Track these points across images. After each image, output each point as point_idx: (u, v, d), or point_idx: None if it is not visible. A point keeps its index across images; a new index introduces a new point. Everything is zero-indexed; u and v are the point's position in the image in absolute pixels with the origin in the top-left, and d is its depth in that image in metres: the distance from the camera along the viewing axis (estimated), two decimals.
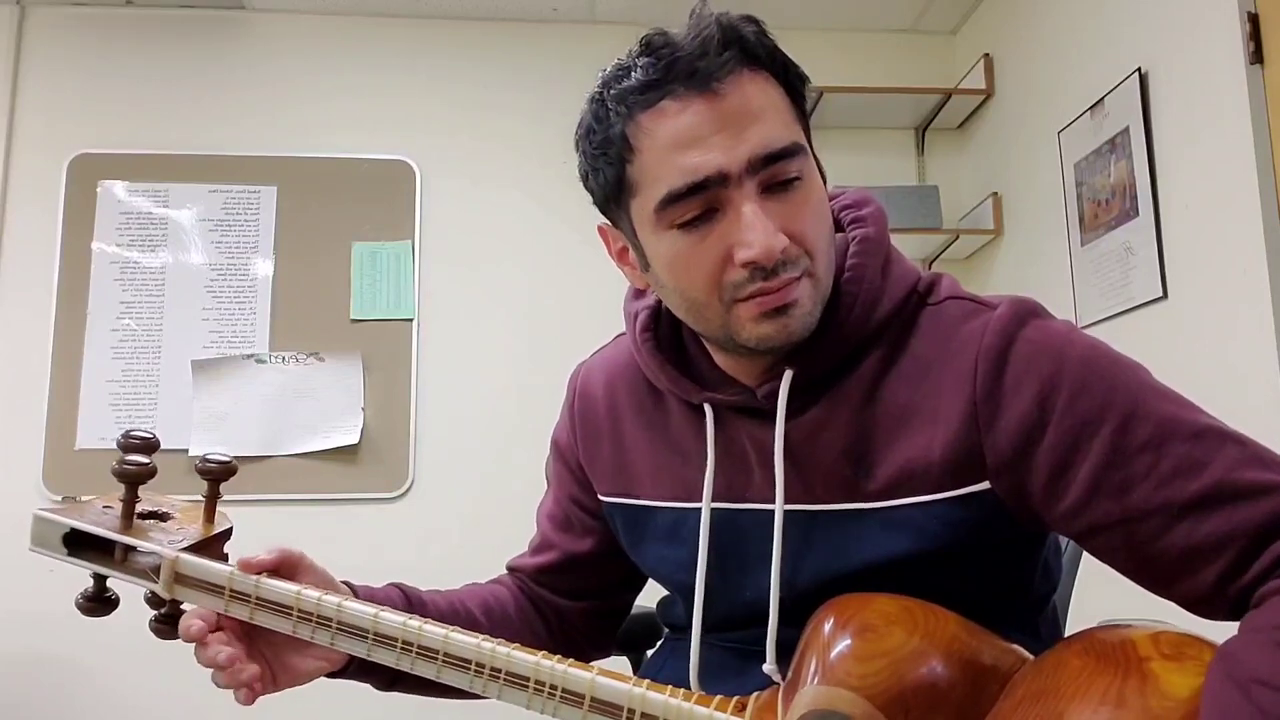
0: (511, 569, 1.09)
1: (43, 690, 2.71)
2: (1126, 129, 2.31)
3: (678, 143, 0.76)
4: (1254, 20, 1.95)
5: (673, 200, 0.77)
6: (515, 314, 3.00)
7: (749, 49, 0.78)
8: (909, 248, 3.06)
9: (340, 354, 2.91)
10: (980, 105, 3.08)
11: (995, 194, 2.97)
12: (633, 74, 0.78)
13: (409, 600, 0.96)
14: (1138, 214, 2.27)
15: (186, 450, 2.78)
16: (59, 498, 2.75)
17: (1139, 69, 2.27)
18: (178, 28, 3.05)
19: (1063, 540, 1.01)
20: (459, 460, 2.90)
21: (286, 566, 0.86)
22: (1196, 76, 2.10)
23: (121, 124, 2.98)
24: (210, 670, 0.83)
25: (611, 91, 0.79)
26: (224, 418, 2.84)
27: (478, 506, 2.84)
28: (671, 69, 0.76)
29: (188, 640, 0.84)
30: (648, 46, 0.79)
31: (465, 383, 2.95)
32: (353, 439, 2.86)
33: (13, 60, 2.97)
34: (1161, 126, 2.21)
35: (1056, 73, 2.66)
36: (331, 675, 0.90)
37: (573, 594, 1.05)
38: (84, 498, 2.86)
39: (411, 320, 2.96)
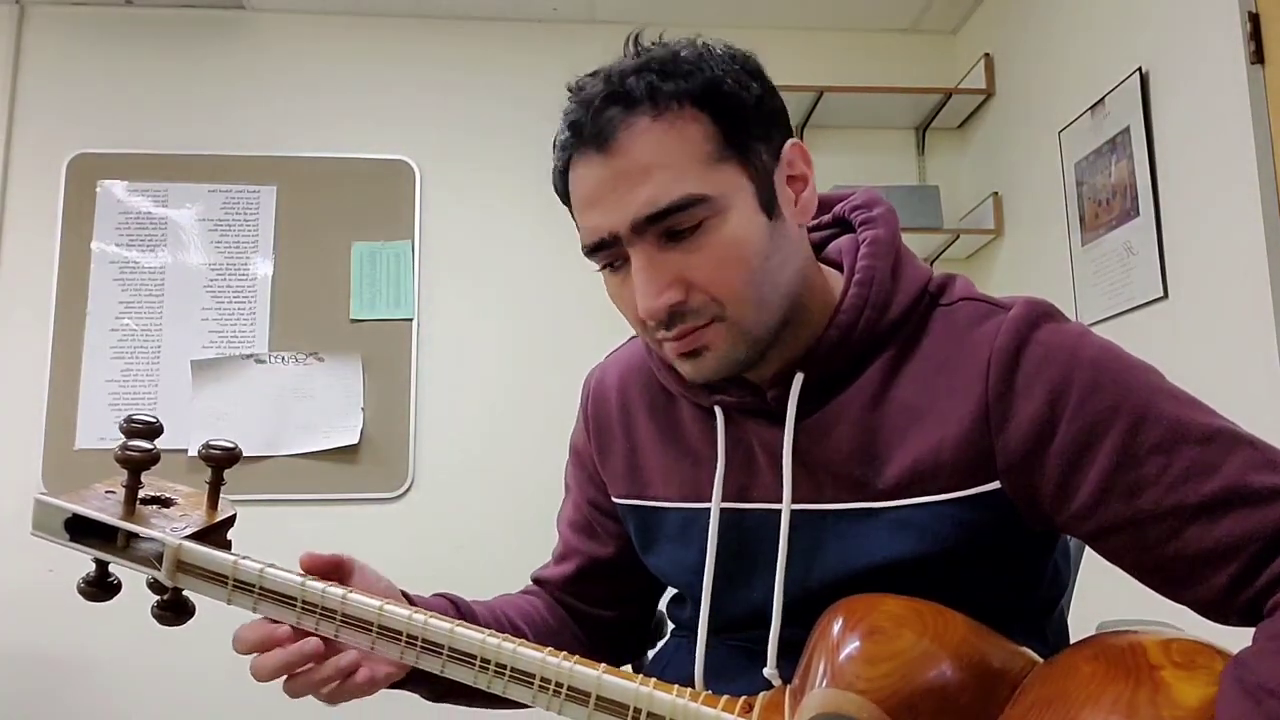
0: (537, 580, 1.08)
1: (44, 687, 2.71)
2: (1127, 129, 2.31)
3: (583, 202, 0.80)
4: (1254, 20, 1.95)
5: (588, 254, 0.81)
6: (515, 314, 3.00)
7: (640, 97, 0.76)
8: (909, 248, 3.05)
9: (340, 354, 2.90)
10: (980, 105, 3.08)
11: (995, 194, 2.97)
12: (563, 127, 0.81)
13: (458, 609, 0.95)
14: (1138, 214, 2.27)
15: (186, 450, 2.78)
16: None
17: (1139, 69, 2.27)
18: (178, 28, 3.05)
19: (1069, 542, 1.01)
20: (459, 460, 2.90)
21: (340, 570, 0.85)
22: (1197, 76, 2.10)
23: (121, 124, 2.98)
24: (288, 673, 0.80)
25: (554, 149, 0.83)
26: (224, 418, 2.84)
27: (478, 506, 2.84)
28: (577, 128, 0.79)
29: (250, 649, 0.81)
30: (571, 97, 0.81)
31: (465, 383, 2.95)
32: (352, 439, 2.86)
33: (13, 60, 2.97)
34: (1162, 126, 2.21)
35: (1056, 73, 2.66)
36: (390, 686, 0.88)
37: (600, 602, 1.04)
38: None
39: (411, 320, 2.95)
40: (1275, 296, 1.88)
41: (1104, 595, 1.00)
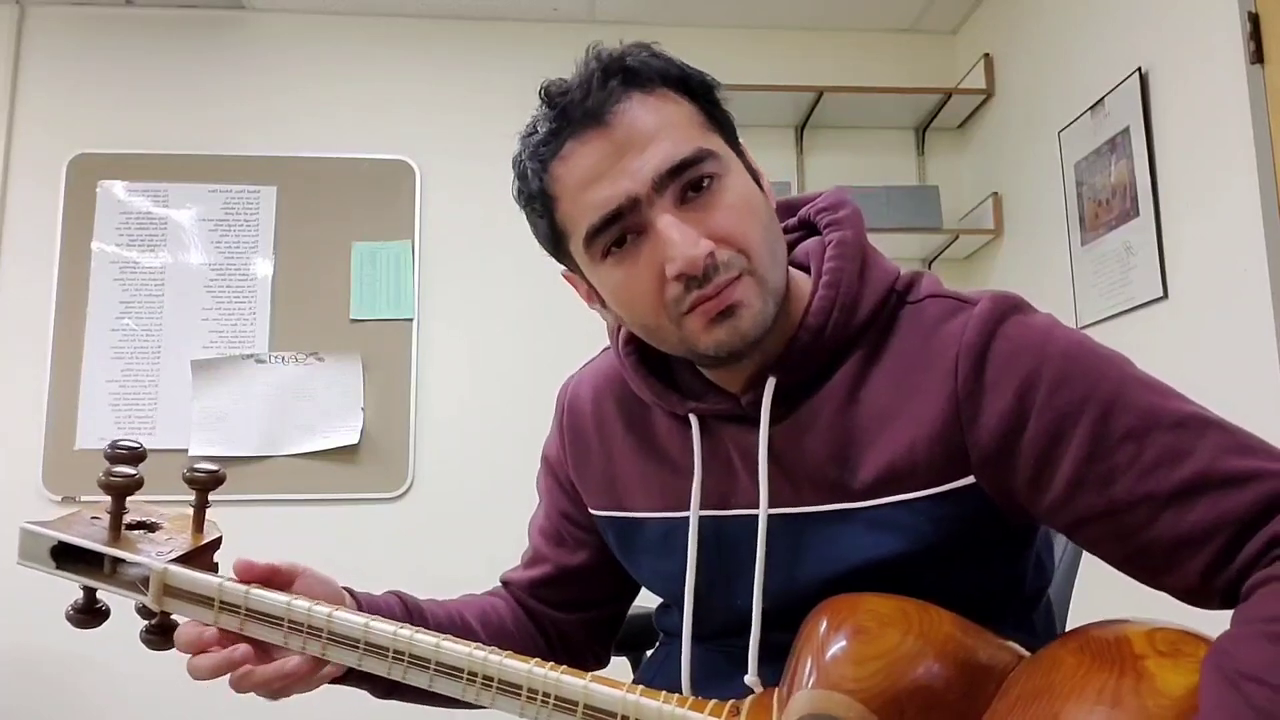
0: (505, 582, 1.09)
1: (45, 688, 2.71)
2: (1127, 129, 2.31)
3: (585, 181, 0.78)
4: (1254, 20, 1.95)
5: (595, 234, 0.79)
6: (515, 314, 3.00)
7: (634, 74, 0.80)
8: (909, 248, 3.06)
9: (340, 354, 2.91)
10: (980, 105, 3.08)
11: (995, 194, 2.97)
12: (538, 128, 0.81)
13: (408, 609, 0.96)
14: (1138, 214, 2.27)
15: (186, 450, 2.78)
16: (59, 497, 2.75)
17: (1139, 69, 2.27)
18: (178, 28, 3.05)
19: (1060, 538, 1.01)
20: (459, 460, 2.90)
21: (283, 577, 0.86)
22: (1197, 76, 2.10)
23: (121, 124, 2.98)
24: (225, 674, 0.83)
25: (526, 150, 0.82)
26: (224, 418, 2.84)
27: (478, 506, 2.84)
28: (566, 114, 0.79)
29: (185, 649, 0.83)
30: (546, 96, 0.81)
31: (465, 383, 2.95)
32: (352, 439, 2.86)
33: (13, 60, 2.97)
34: (1162, 126, 2.21)
35: (1056, 73, 2.66)
36: (332, 681, 0.89)
37: (567, 606, 1.05)
38: (83, 497, 2.86)
39: (411, 320, 2.96)
40: (1275, 296, 1.88)
41: (1106, 595, 1.00)
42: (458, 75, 3.11)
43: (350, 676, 0.88)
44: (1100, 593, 1.06)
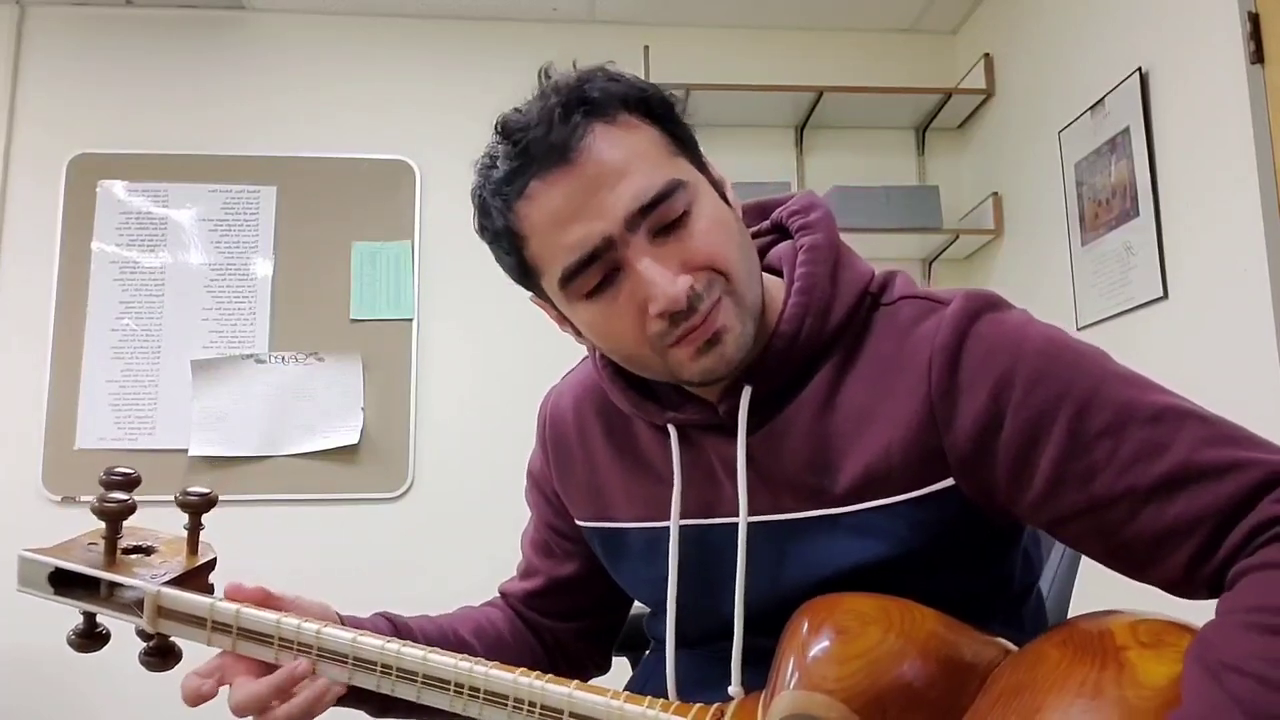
0: (503, 593, 1.10)
1: (45, 688, 2.71)
2: (1127, 129, 2.31)
3: (556, 222, 0.76)
4: (1254, 20, 1.95)
5: (571, 276, 0.77)
6: (515, 314, 2.98)
7: (595, 105, 0.77)
8: (909, 248, 3.05)
9: (340, 354, 2.91)
10: (980, 105, 3.08)
11: (995, 194, 2.97)
12: (498, 163, 0.78)
13: (396, 629, 0.96)
14: (1138, 214, 2.27)
15: (186, 450, 2.79)
16: (59, 497, 2.76)
17: (1139, 69, 2.27)
18: (178, 28, 3.06)
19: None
20: (459, 460, 2.90)
21: (274, 603, 0.86)
22: (1197, 76, 2.10)
23: (121, 124, 2.99)
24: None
25: (487, 186, 0.80)
26: (224, 418, 2.84)
27: (478, 506, 2.84)
28: (529, 151, 0.76)
29: (193, 703, 0.83)
30: (505, 131, 0.79)
31: (465, 383, 2.95)
32: (352, 439, 2.86)
33: (13, 60, 2.98)
34: (1162, 126, 2.21)
35: (1056, 73, 2.66)
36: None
37: (563, 616, 1.06)
38: (82, 497, 2.85)
39: (411, 320, 2.96)
40: (1275, 296, 1.88)
41: (1107, 596, 1.00)
42: (458, 75, 3.11)
43: (346, 697, 0.88)
44: (1100, 590, 1.06)
